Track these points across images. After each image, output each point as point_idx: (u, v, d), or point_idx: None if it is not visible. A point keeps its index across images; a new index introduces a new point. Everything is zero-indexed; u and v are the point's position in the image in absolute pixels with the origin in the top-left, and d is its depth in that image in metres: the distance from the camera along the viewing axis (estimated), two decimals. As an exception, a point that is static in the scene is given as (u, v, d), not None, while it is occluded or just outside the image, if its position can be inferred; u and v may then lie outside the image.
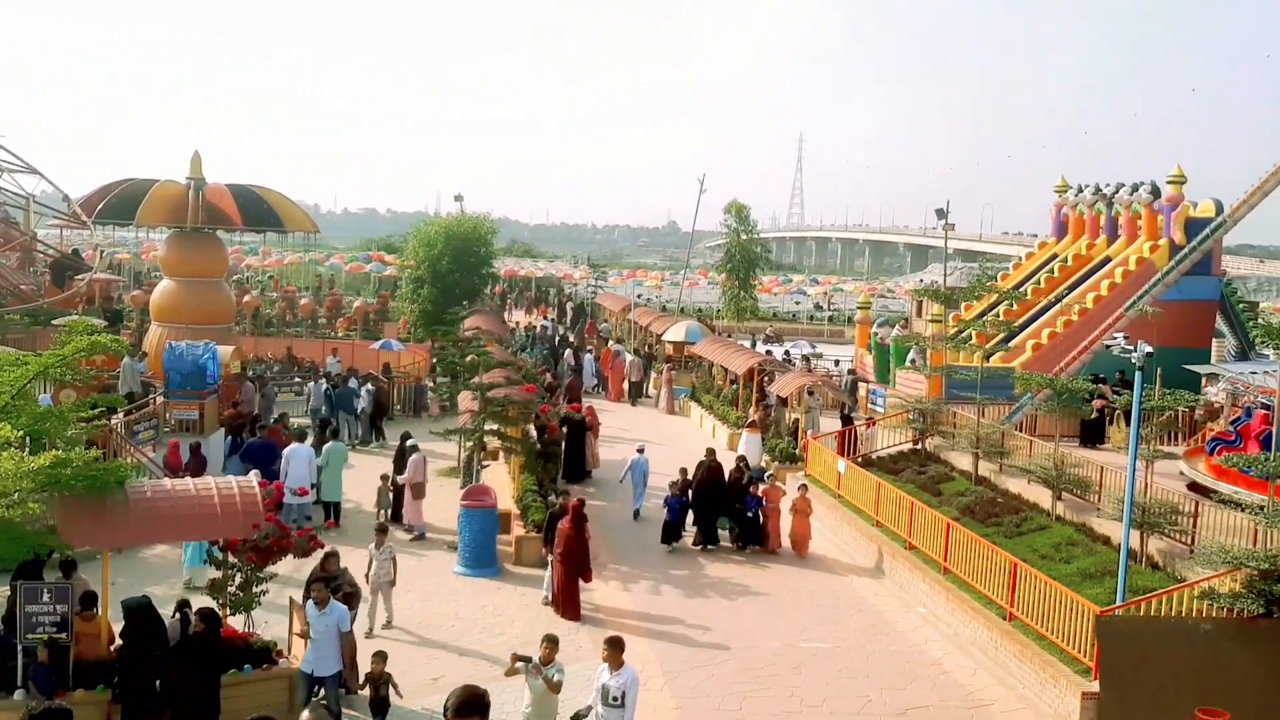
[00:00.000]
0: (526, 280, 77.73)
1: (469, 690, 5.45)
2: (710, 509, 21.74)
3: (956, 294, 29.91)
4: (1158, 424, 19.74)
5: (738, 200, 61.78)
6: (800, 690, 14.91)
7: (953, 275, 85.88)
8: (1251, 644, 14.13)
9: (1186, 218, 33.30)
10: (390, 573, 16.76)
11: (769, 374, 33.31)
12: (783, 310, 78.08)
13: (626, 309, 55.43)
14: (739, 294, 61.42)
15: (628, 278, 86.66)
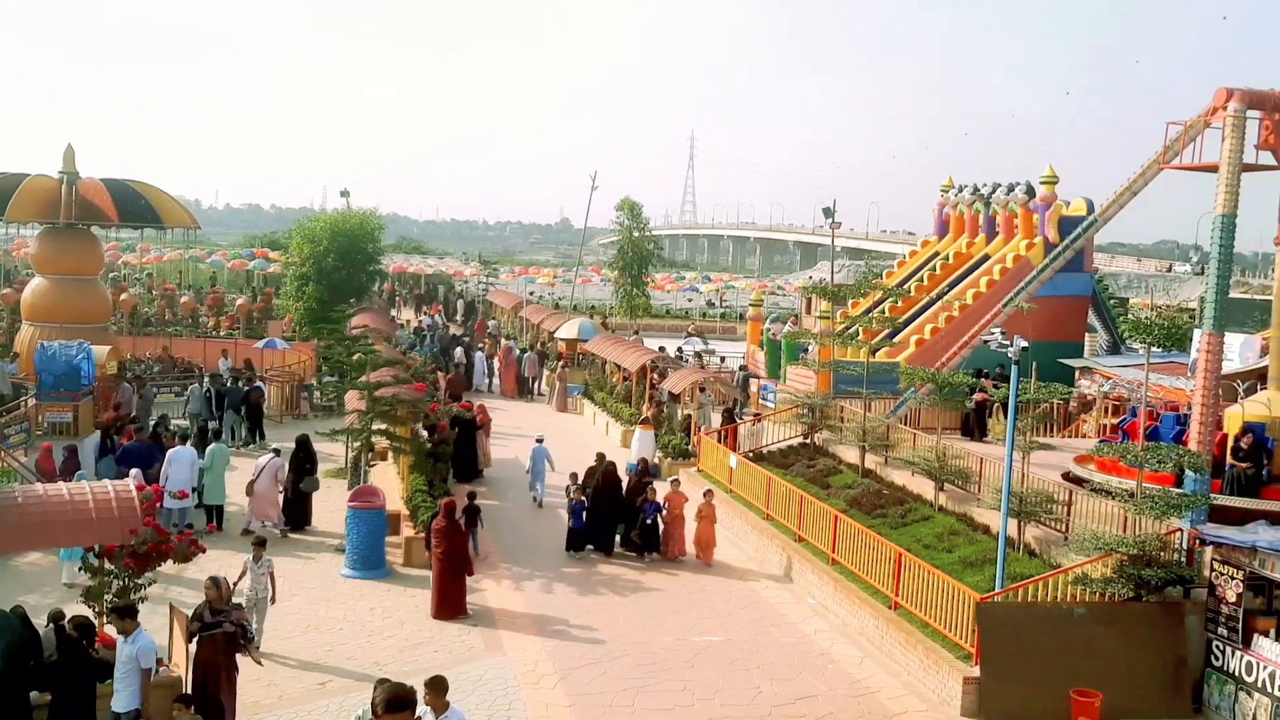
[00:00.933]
0: (416, 277, 76.70)
1: (396, 688, 5.45)
2: (607, 516, 21.11)
3: (844, 291, 30.46)
4: (1034, 416, 20.38)
5: (630, 197, 61.92)
6: (692, 684, 15.03)
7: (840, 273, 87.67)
8: (1122, 626, 14.73)
9: (1060, 217, 34.60)
10: (267, 589, 15.56)
11: (661, 371, 33.49)
12: (675, 307, 78.60)
13: (518, 306, 55.17)
14: (632, 291, 61.56)
15: (520, 275, 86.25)
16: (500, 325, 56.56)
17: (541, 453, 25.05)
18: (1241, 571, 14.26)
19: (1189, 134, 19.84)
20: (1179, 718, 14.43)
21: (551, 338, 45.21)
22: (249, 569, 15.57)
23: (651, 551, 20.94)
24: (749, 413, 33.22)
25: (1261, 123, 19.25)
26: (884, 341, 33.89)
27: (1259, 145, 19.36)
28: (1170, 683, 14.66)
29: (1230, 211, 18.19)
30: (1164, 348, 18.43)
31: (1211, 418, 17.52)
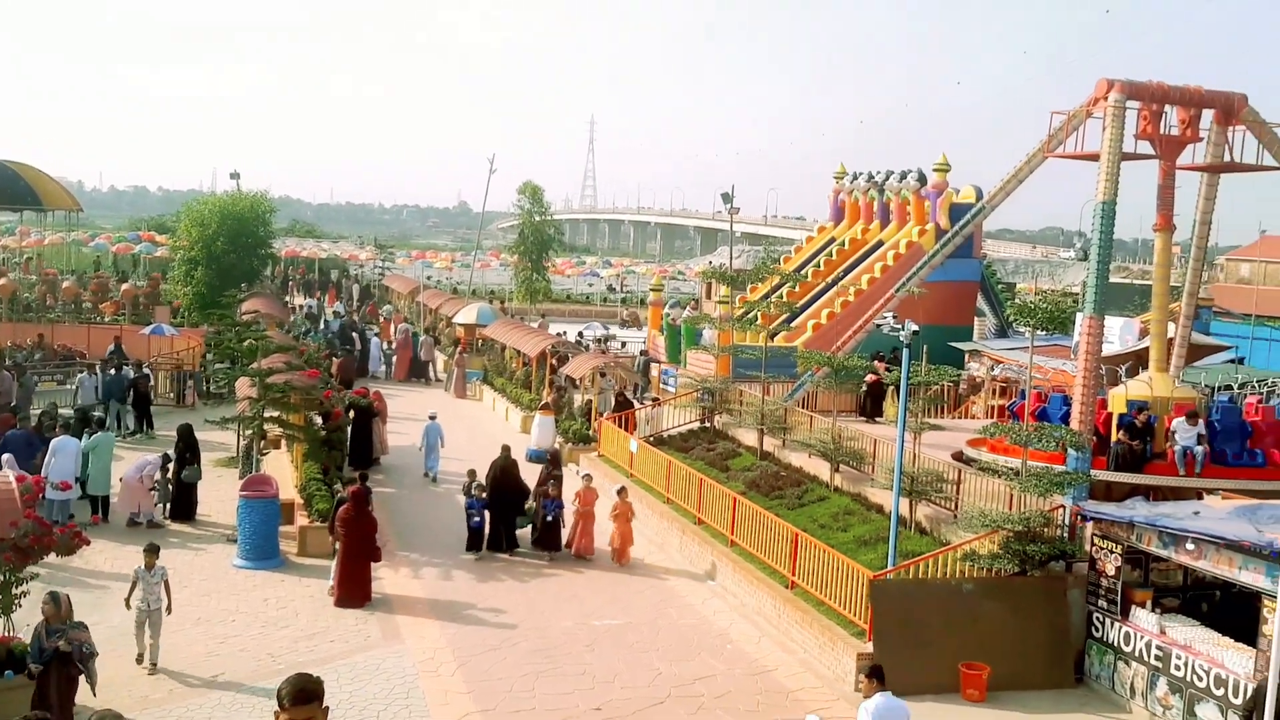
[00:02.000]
0: (309, 262, 75.11)
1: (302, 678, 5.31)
2: (507, 511, 20.43)
3: (743, 276, 30.78)
4: (924, 398, 20.89)
5: (531, 181, 61.54)
6: (592, 668, 15.08)
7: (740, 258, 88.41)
8: (1008, 600, 15.20)
9: (951, 204, 35.39)
10: (161, 599, 14.30)
11: (561, 356, 33.42)
12: (576, 292, 78.46)
13: (415, 291, 54.45)
14: (532, 276, 61.25)
15: (417, 259, 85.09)
16: (394, 309, 55.85)
17: (435, 429, 25.71)
18: (1120, 546, 14.82)
19: (1072, 123, 20.45)
20: (1062, 687, 14.97)
21: (450, 323, 44.75)
22: (140, 579, 14.31)
23: (552, 550, 19.93)
24: (650, 397, 33.36)
25: (1140, 113, 19.96)
26: (782, 326, 34.30)
27: (1138, 135, 20.08)
28: (1054, 654, 15.19)
29: (1110, 198, 18.83)
30: (1047, 331, 18.97)
31: (1092, 398, 18.16)
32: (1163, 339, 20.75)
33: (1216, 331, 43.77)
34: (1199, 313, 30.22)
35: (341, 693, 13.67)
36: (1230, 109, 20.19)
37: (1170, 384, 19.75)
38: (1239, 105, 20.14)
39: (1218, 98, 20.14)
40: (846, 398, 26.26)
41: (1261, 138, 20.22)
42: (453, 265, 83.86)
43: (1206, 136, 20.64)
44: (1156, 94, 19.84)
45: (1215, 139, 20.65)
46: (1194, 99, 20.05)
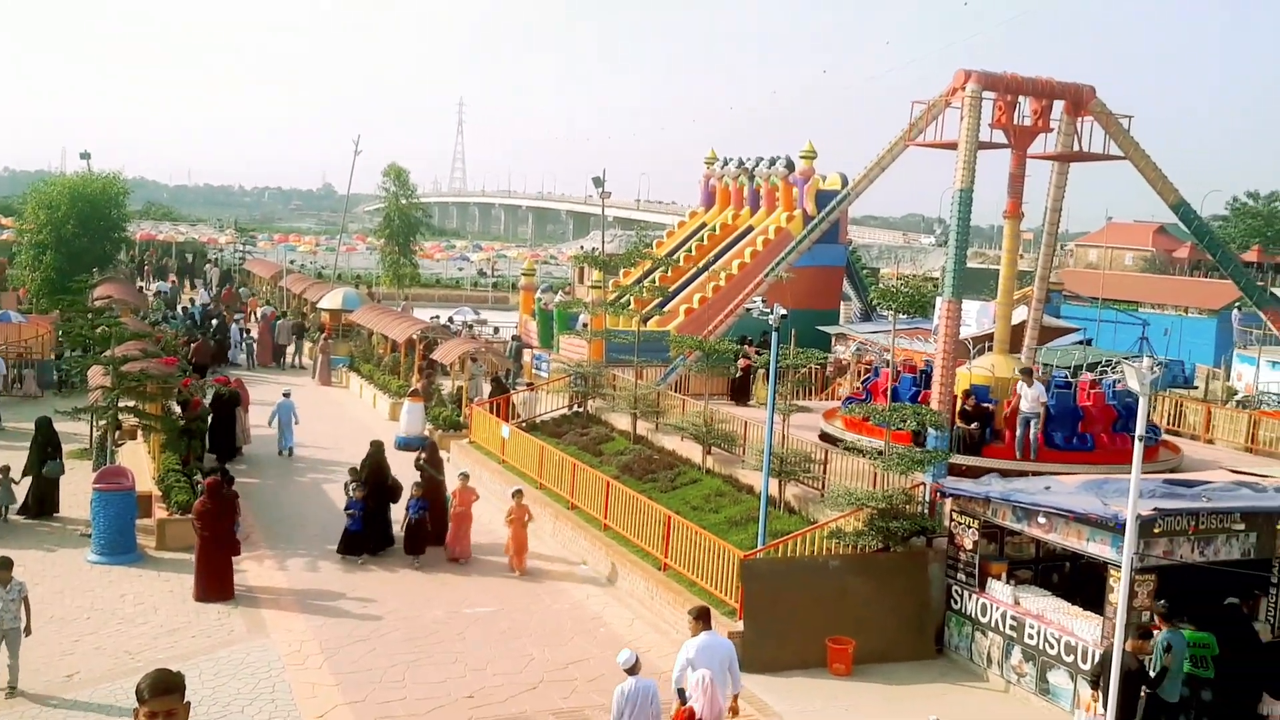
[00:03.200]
0: (166, 246, 72.35)
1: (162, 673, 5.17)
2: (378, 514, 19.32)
3: (615, 261, 30.85)
4: (793, 380, 21.28)
5: (396, 163, 60.32)
6: (464, 655, 14.95)
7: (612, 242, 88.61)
8: (872, 575, 15.62)
9: (817, 190, 36.15)
10: (18, 618, 13.10)
11: (431, 342, 32.98)
12: (446, 276, 77.48)
13: (278, 275, 53.00)
14: (399, 260, 60.16)
15: (279, 243, 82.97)
16: (249, 293, 54.36)
17: (287, 406, 26.12)
18: (977, 520, 15.37)
19: (931, 113, 21.05)
20: (923, 658, 15.47)
21: (314, 308, 43.70)
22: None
23: (417, 554, 18.73)
24: (522, 382, 33.19)
25: (995, 103, 20.68)
26: (655, 310, 34.55)
27: (993, 124, 20.80)
28: (916, 627, 15.68)
29: (967, 186, 19.46)
30: (908, 314, 19.56)
31: (951, 379, 18.79)
32: (1007, 321, 21.59)
33: (1067, 314, 45.83)
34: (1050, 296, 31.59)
35: (204, 689, 13.26)
36: (1079, 100, 21.07)
37: (1012, 365, 20.54)
38: (1087, 97, 21.03)
39: (1068, 89, 20.99)
40: (718, 381, 26.60)
41: (1108, 128, 21.16)
42: (317, 249, 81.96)
43: (1057, 127, 21.52)
44: (1010, 85, 20.57)
45: (1065, 129, 21.54)
46: (1045, 90, 20.85)
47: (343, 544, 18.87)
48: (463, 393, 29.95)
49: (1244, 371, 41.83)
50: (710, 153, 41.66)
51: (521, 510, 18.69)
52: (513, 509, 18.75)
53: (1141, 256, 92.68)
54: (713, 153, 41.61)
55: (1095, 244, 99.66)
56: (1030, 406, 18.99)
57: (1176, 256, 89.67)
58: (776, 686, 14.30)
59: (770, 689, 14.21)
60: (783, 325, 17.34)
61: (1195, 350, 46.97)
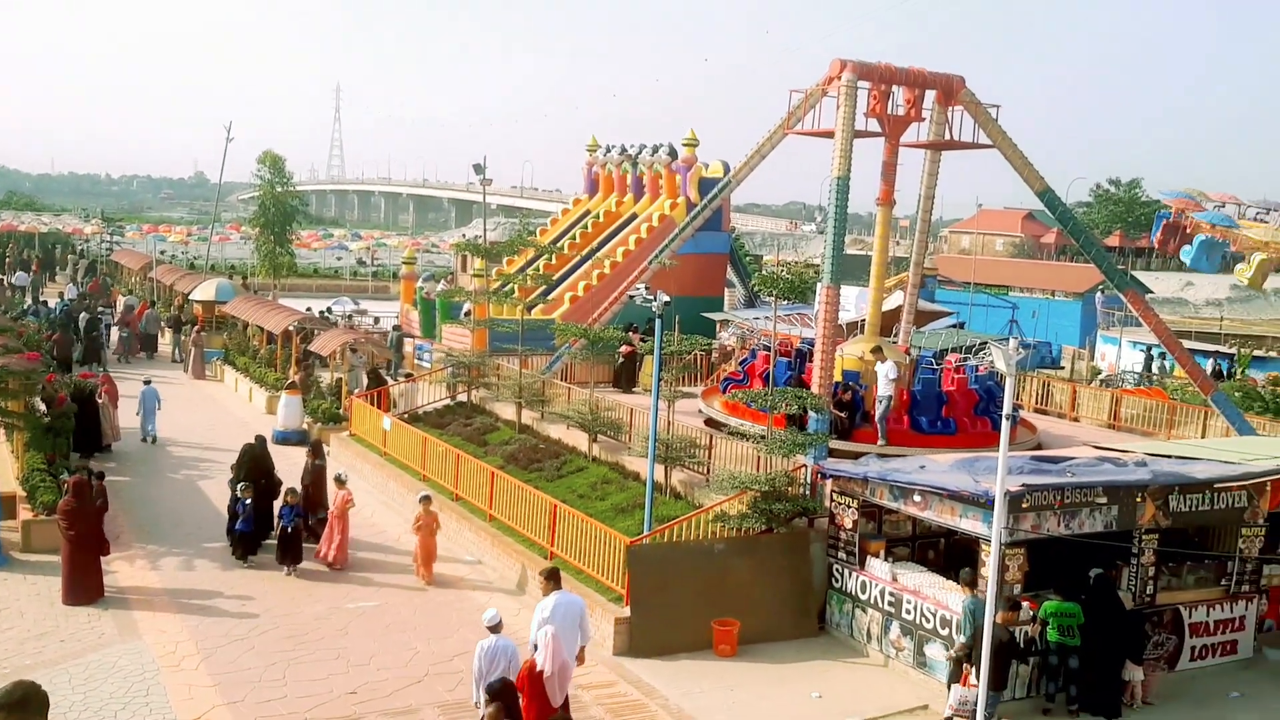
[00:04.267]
0: (29, 236, 69.16)
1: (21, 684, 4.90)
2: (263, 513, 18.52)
3: (498, 249, 30.60)
4: (677, 367, 21.43)
5: (271, 150, 58.57)
6: (347, 651, 14.68)
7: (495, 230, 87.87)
8: (756, 557, 15.84)
9: (700, 178, 36.42)
10: None
11: (308, 333, 32.25)
12: (325, 266, 75.82)
13: (148, 267, 51.17)
14: (275, 249, 58.53)
15: (149, 233, 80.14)
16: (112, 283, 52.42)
17: (151, 393, 26.11)
18: (856, 500, 15.71)
19: (809, 102, 21.36)
20: (806, 637, 15.75)
21: (186, 300, 42.31)
22: None
23: (291, 563, 17.72)
24: (404, 373, 32.70)
25: (870, 93, 21.09)
26: (539, 298, 34.38)
27: (868, 113, 21.22)
28: (799, 606, 15.96)
29: (844, 174, 19.82)
30: (789, 300, 19.86)
31: (830, 363, 19.16)
32: (878, 307, 22.12)
33: (941, 299, 47.20)
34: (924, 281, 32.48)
35: (74, 695, 12.77)
36: (950, 90, 21.64)
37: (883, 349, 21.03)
38: (957, 87, 21.60)
39: (938, 79, 21.53)
40: (603, 369, 26.64)
41: (977, 117, 21.77)
42: (189, 239, 79.40)
43: (929, 116, 22.06)
44: (884, 75, 21.01)
45: (937, 118, 22.10)
46: (917, 80, 21.36)
47: (236, 547, 18.07)
48: (342, 385, 29.36)
49: (1107, 352, 43.71)
50: (592, 140, 41.62)
51: (430, 518, 17.69)
52: (419, 515, 17.70)
53: (1011, 242, 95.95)
54: (594, 140, 41.57)
55: (967, 230, 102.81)
56: (884, 387, 19.27)
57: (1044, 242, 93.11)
58: (663, 670, 14.41)
59: (657, 673, 14.32)
60: (667, 312, 17.44)
61: (1061, 332, 48.91)
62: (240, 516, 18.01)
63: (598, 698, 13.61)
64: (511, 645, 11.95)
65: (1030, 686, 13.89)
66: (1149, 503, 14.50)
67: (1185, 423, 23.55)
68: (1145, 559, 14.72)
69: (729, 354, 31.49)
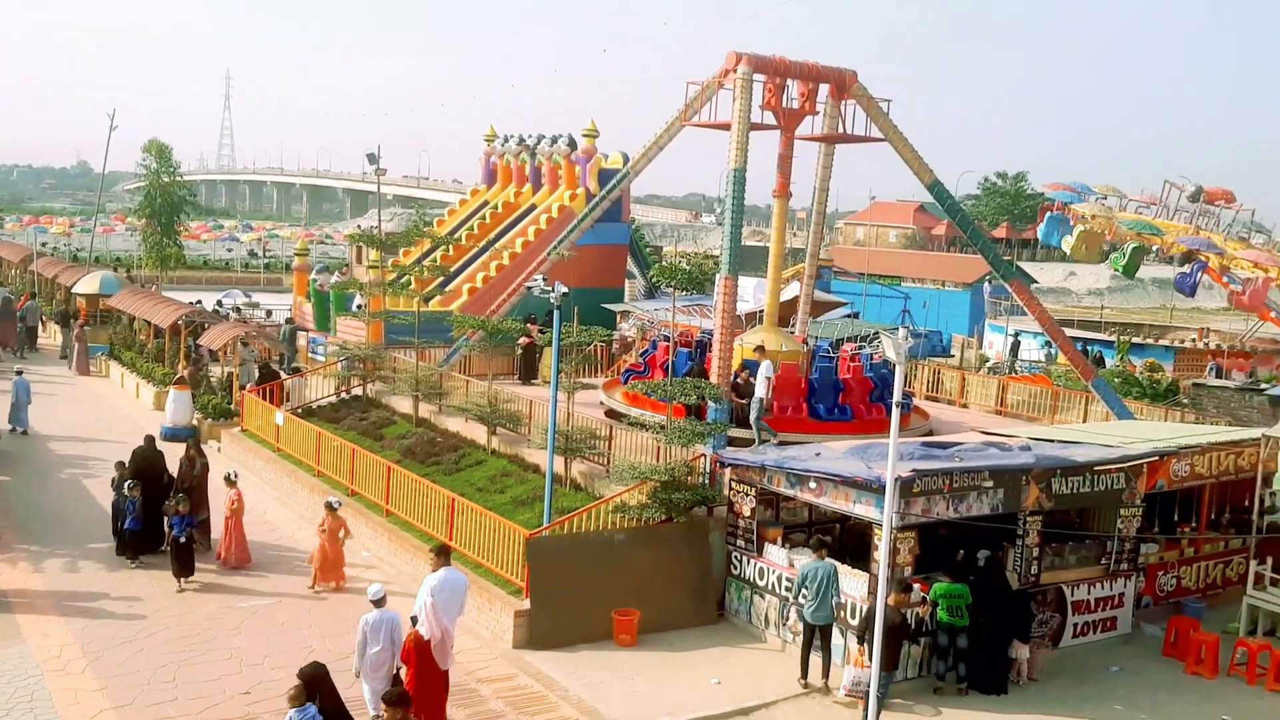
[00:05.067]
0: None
1: None
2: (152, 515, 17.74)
3: (394, 240, 30.13)
4: (577, 358, 21.41)
5: (157, 139, 56.79)
6: (240, 651, 14.39)
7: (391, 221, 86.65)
8: (656, 547, 15.94)
9: (599, 169, 36.36)
10: None
11: (198, 326, 31.41)
12: (215, 258, 73.91)
13: (28, 259, 49.23)
14: (162, 241, 56.82)
15: (29, 224, 77.12)
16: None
17: (23, 384, 25.84)
18: (754, 488, 15.93)
19: (705, 94, 21.52)
20: (706, 624, 15.92)
21: (69, 294, 40.82)
22: None
23: (186, 575, 16.78)
24: (296, 367, 32.07)
25: (765, 85, 21.34)
26: (436, 290, 33.96)
27: (764, 106, 21.46)
28: (698, 594, 16.12)
29: (740, 166, 20.03)
30: (686, 291, 20.02)
31: (729, 353, 19.37)
32: (776, 297, 22.42)
33: (836, 289, 48.04)
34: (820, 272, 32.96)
35: (-52, 706, 12.26)
36: (843, 84, 22.00)
37: (780, 339, 21.38)
38: (850, 81, 21.98)
39: (831, 73, 21.87)
40: (502, 361, 26.49)
41: (869, 111, 22.19)
42: (72, 230, 76.68)
43: (823, 109, 22.41)
44: (779, 68, 21.27)
45: (830, 111, 22.47)
46: (811, 74, 21.66)
47: (126, 547, 17.51)
48: (233, 379, 28.66)
49: (995, 340, 44.98)
50: (490, 130, 41.23)
51: (338, 523, 17.10)
52: (326, 520, 17.09)
53: (904, 234, 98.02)
54: (492, 130, 41.19)
55: (862, 222, 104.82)
56: (760, 387, 19.16)
57: (935, 234, 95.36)
58: (564, 662, 14.43)
59: (557, 665, 14.33)
60: (566, 303, 17.42)
61: (951, 321, 50.21)
62: (129, 515, 17.44)
63: (497, 691, 13.58)
64: (395, 616, 12.41)
65: (921, 666, 14.26)
66: (1033, 486, 14.99)
67: (1068, 408, 24.37)
68: (1030, 540, 15.21)
69: (629, 345, 31.58)
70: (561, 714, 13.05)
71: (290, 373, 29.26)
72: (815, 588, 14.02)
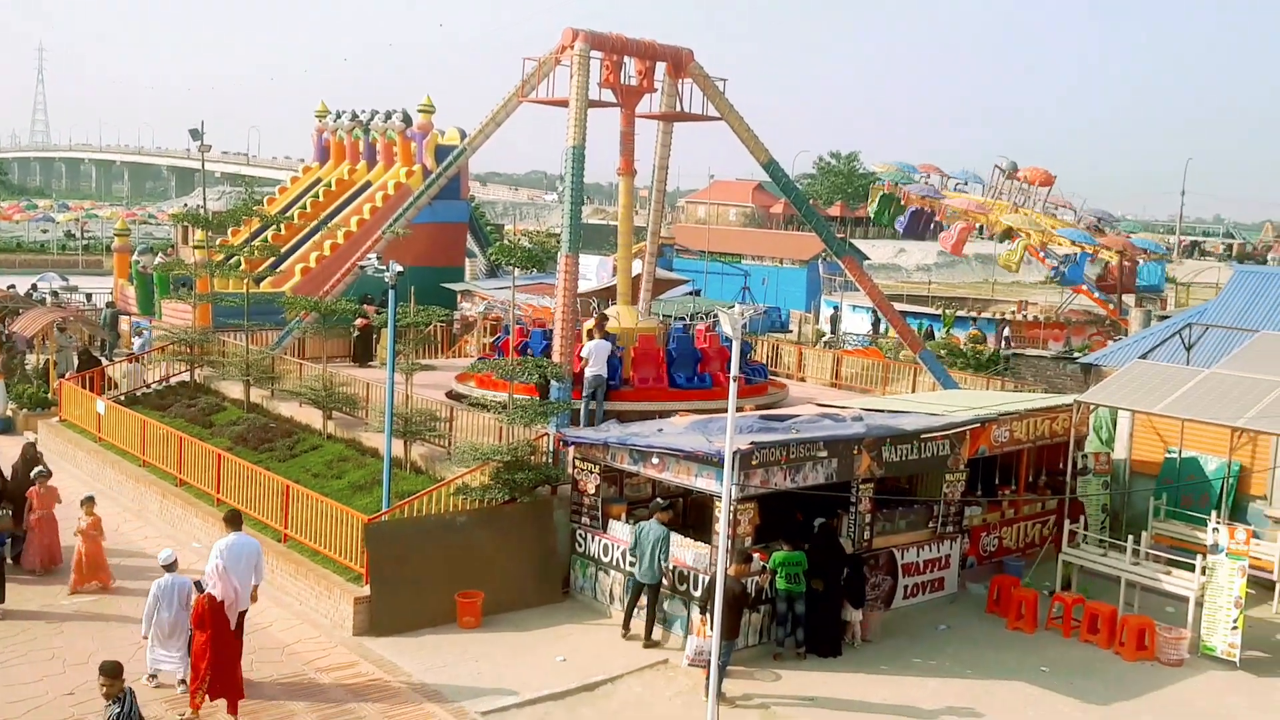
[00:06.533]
0: None
1: None
2: None
3: (222, 219, 28.94)
4: (416, 339, 21.06)
5: (-41, 113, 53.19)
6: (62, 651, 13.70)
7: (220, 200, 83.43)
8: (499, 527, 15.84)
9: (436, 145, 35.76)
10: None
11: (10, 312, 29.58)
12: (28, 240, 69.73)
13: None
14: (-31, 222, 53.39)
15: None
16: None
17: None
18: (598, 466, 15.98)
19: (542, 70, 21.37)
20: (551, 602, 15.92)
21: None
22: None
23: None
24: (120, 353, 30.57)
25: (603, 63, 21.31)
26: (268, 271, 32.83)
27: (602, 83, 21.44)
28: (543, 573, 16.10)
29: (579, 143, 19.98)
30: (526, 270, 19.88)
31: (571, 331, 19.34)
32: (628, 275, 22.54)
33: (679, 267, 48.62)
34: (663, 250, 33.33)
35: None
36: (679, 62, 22.16)
37: (635, 315, 21.53)
38: (687, 59, 22.15)
39: (668, 51, 21.99)
40: (337, 343, 25.84)
41: (705, 90, 22.42)
42: None
43: (661, 87, 22.54)
44: (616, 45, 21.27)
45: (668, 90, 22.61)
46: (648, 52, 21.74)
47: None
48: (50, 367, 27.12)
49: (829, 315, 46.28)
50: (321, 105, 40.03)
51: (94, 523, 16.01)
52: (83, 520, 16.00)
53: (743, 212, 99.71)
54: (324, 105, 40.00)
55: (703, 200, 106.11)
56: (594, 368, 19.21)
57: (773, 212, 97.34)
58: (406, 647, 14.23)
59: (400, 650, 14.12)
60: (403, 283, 17.07)
61: (789, 297, 51.43)
62: None
63: (338, 680, 13.29)
64: (186, 581, 12.91)
65: (762, 634, 14.61)
66: (865, 454, 15.50)
67: (898, 379, 25.27)
68: (863, 507, 15.74)
69: (470, 324, 31.22)
70: (404, 699, 12.86)
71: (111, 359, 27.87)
72: (648, 549, 14.43)
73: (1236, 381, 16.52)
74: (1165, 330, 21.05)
